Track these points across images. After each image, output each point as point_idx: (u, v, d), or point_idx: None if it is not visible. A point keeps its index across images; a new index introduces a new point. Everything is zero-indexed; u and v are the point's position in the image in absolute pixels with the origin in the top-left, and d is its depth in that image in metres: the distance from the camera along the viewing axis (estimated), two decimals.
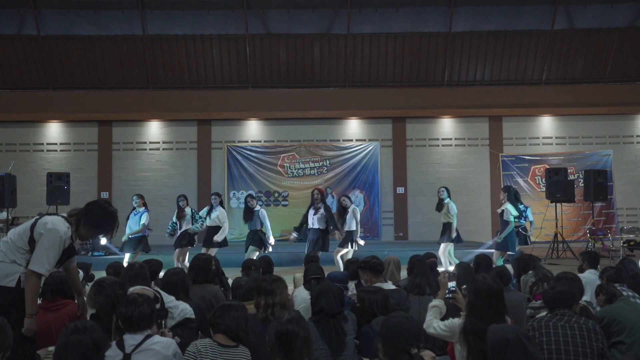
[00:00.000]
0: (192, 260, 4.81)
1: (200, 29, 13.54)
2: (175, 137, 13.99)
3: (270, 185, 13.71)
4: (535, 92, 13.95)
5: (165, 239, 13.18)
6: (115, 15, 13.38)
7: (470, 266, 5.04)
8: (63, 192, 11.19)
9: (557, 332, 3.16)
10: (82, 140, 13.92)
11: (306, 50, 13.79)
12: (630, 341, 3.58)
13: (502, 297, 3.16)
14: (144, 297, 3.14)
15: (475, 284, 3.18)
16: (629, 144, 14.06)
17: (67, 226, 3.49)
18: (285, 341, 2.64)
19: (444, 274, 3.73)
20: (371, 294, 3.78)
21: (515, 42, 13.74)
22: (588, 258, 5.64)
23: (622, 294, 4.04)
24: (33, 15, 13.22)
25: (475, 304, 3.10)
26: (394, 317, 2.82)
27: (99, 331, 2.54)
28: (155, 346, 2.95)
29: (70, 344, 2.42)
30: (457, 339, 3.19)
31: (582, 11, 13.49)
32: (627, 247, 10.85)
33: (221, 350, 2.96)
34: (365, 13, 13.45)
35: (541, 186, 13.27)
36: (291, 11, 13.45)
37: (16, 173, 11.37)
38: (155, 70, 13.90)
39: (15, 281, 3.39)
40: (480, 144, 14.04)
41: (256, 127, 14.09)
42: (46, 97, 13.78)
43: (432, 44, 13.74)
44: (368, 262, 4.57)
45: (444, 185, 9.76)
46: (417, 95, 13.92)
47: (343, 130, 14.10)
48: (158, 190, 13.71)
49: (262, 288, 3.64)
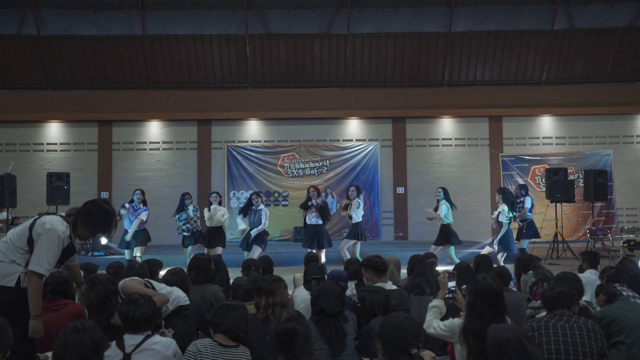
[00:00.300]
0: (192, 260, 4.82)
1: (200, 29, 13.54)
2: (175, 137, 13.99)
3: (270, 185, 13.71)
4: (535, 92, 13.95)
5: (165, 239, 13.26)
6: (115, 15, 13.37)
7: (470, 266, 5.04)
8: (63, 192, 11.19)
9: (556, 332, 3.17)
10: (82, 140, 13.92)
11: (306, 50, 13.79)
12: (630, 341, 3.58)
13: (502, 297, 3.16)
14: (145, 297, 3.15)
15: (475, 284, 3.18)
16: (629, 144, 14.06)
17: (65, 225, 3.50)
18: (286, 340, 2.65)
19: (444, 273, 3.73)
20: (372, 294, 3.78)
21: (515, 42, 13.74)
22: (588, 258, 5.65)
23: (622, 294, 4.04)
24: (33, 15, 13.22)
25: (475, 304, 3.10)
26: (394, 317, 2.82)
27: (99, 331, 2.55)
28: (156, 346, 2.96)
29: (70, 343, 2.43)
30: (457, 339, 3.19)
31: (582, 11, 13.49)
32: (627, 247, 10.85)
33: (221, 350, 2.97)
34: (365, 13, 13.45)
35: (541, 186, 13.27)
36: (291, 11, 13.45)
37: (16, 173, 11.37)
38: (155, 70, 13.90)
39: (15, 281, 3.39)
40: (480, 144, 14.04)
41: (256, 127, 14.09)
42: (46, 97, 13.78)
43: (432, 44, 13.74)
44: (371, 261, 4.56)
45: (442, 185, 9.80)
46: (417, 95, 13.92)
47: (343, 130, 14.10)
48: (158, 190, 13.71)
49: (262, 288, 3.64)
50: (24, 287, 3.40)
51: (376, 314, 3.64)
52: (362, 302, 3.80)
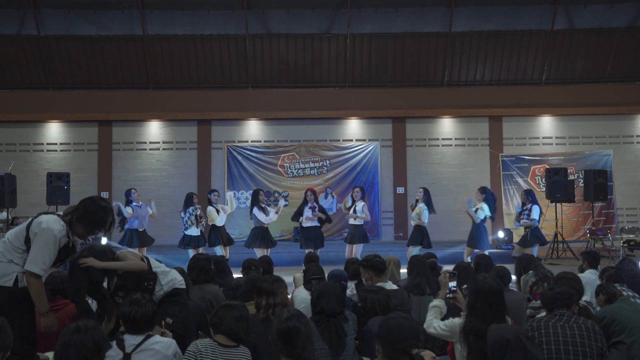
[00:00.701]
0: (191, 260, 4.82)
1: (200, 29, 13.54)
2: (175, 137, 14.00)
3: (270, 185, 13.71)
4: (535, 92, 13.95)
5: (165, 239, 13.26)
6: (115, 15, 13.37)
7: (470, 266, 5.05)
8: (63, 192, 11.19)
9: (556, 332, 3.17)
10: (82, 140, 13.92)
11: (306, 50, 13.79)
12: (630, 341, 3.58)
13: (502, 297, 3.16)
14: (147, 297, 3.16)
15: (475, 284, 3.18)
16: (629, 144, 14.06)
17: (62, 225, 3.49)
18: (287, 338, 2.67)
19: (444, 274, 3.73)
20: (373, 294, 3.77)
21: (515, 42, 13.74)
22: (588, 258, 5.65)
23: (622, 294, 4.05)
24: (33, 15, 13.22)
25: (475, 303, 3.11)
26: (393, 317, 2.82)
27: (100, 331, 2.55)
28: (156, 346, 2.96)
29: (72, 343, 2.43)
30: (457, 339, 3.19)
31: (582, 11, 13.49)
32: (627, 247, 10.86)
33: (222, 350, 2.97)
34: (365, 13, 13.45)
35: (541, 186, 13.26)
36: (291, 11, 13.45)
37: (16, 173, 11.36)
38: (155, 70, 13.90)
39: (12, 280, 3.39)
40: (480, 144, 14.04)
41: (256, 127, 14.10)
42: (46, 97, 13.78)
43: (432, 44, 13.74)
44: (370, 261, 4.53)
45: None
46: (417, 95, 13.92)
47: (343, 130, 14.11)
48: (158, 190, 13.72)
49: (263, 288, 3.64)
50: (22, 287, 3.40)
51: (377, 313, 3.63)
52: (363, 302, 3.79)
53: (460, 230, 13.90)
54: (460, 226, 13.69)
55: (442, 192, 13.70)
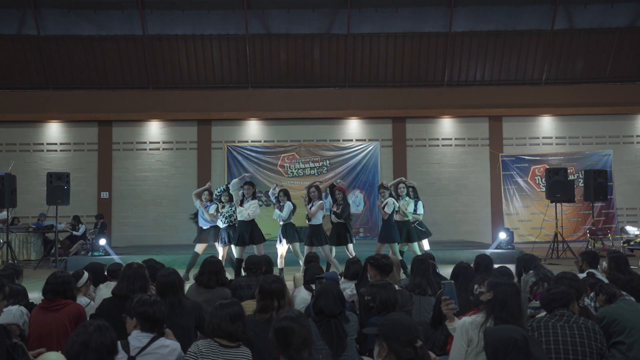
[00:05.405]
0: (202, 263, 4.75)
1: (200, 29, 13.54)
2: (175, 137, 13.99)
3: (270, 185, 13.65)
4: (535, 92, 13.95)
5: (165, 239, 13.26)
6: (115, 15, 13.37)
7: (470, 266, 5.04)
8: (63, 192, 11.18)
9: (556, 332, 3.17)
10: (82, 140, 13.92)
11: (306, 50, 13.79)
12: (630, 341, 3.58)
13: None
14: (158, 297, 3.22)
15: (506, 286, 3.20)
16: (629, 144, 14.06)
17: None
18: (282, 337, 2.66)
19: (443, 301, 3.60)
20: (382, 289, 3.68)
21: (515, 42, 13.74)
22: (587, 258, 5.64)
23: (622, 294, 4.04)
24: (33, 15, 13.21)
25: (505, 303, 3.10)
26: (392, 315, 2.82)
27: (114, 333, 2.54)
28: (160, 350, 2.96)
29: (93, 342, 2.41)
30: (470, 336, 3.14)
31: (582, 11, 13.49)
32: (627, 247, 10.87)
33: (222, 351, 2.97)
34: (365, 13, 13.44)
35: (541, 186, 13.27)
36: (291, 11, 13.45)
37: (16, 173, 11.37)
38: (155, 70, 13.90)
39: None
40: (480, 144, 14.04)
41: (256, 127, 14.09)
42: (46, 97, 13.78)
43: (432, 44, 13.74)
44: (378, 260, 4.48)
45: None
46: (417, 95, 13.92)
47: (343, 130, 14.11)
48: (158, 190, 13.73)
49: (273, 290, 3.57)
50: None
51: (387, 308, 3.55)
52: (372, 297, 3.70)
53: (461, 230, 13.92)
54: (461, 226, 13.72)
55: (442, 192, 13.72)
